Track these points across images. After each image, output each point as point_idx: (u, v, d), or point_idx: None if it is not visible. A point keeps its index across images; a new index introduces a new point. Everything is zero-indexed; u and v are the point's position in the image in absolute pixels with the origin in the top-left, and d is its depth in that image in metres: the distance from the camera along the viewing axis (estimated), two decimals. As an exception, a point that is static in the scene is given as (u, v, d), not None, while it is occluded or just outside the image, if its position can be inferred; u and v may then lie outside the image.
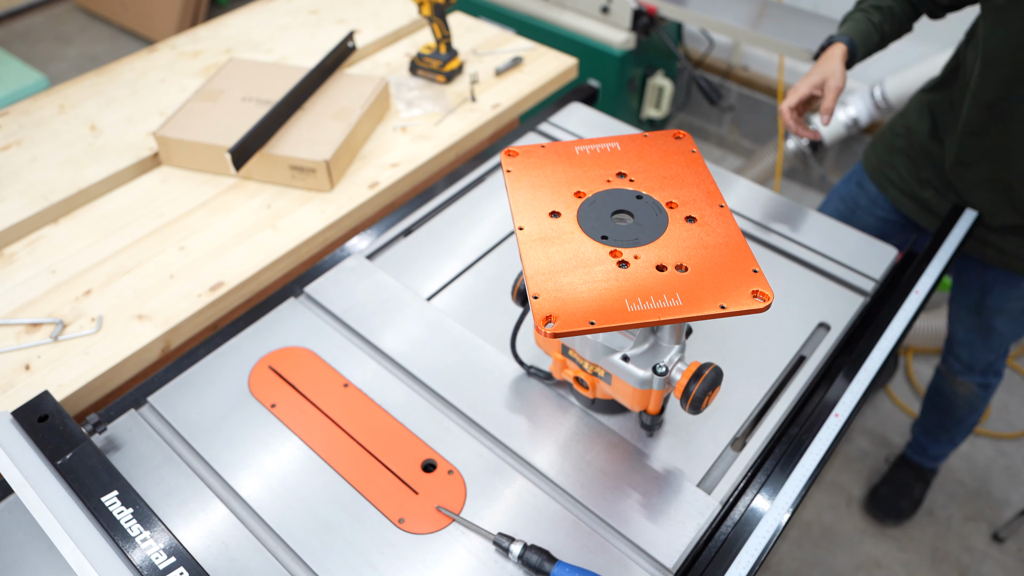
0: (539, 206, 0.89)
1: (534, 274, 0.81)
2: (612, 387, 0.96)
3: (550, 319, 0.76)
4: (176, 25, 3.73)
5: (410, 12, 1.96)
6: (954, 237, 1.32)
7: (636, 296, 0.79)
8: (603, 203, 0.90)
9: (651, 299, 0.79)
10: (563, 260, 0.83)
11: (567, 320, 0.76)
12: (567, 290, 0.79)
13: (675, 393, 0.90)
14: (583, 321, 0.76)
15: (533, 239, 0.85)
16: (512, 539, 0.88)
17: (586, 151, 0.97)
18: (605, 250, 0.84)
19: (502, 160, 0.95)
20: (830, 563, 1.99)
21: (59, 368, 1.11)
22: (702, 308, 0.78)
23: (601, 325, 0.76)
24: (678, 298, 0.79)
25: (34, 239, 1.34)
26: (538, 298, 0.78)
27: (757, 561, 0.87)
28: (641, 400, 0.94)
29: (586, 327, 0.76)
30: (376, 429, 1.01)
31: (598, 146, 0.98)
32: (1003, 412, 2.36)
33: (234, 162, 1.34)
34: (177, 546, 0.82)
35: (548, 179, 0.93)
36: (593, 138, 0.99)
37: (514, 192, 0.91)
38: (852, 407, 1.04)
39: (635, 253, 0.84)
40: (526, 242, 0.85)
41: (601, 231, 0.87)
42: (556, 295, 0.79)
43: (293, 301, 1.19)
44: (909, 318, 1.17)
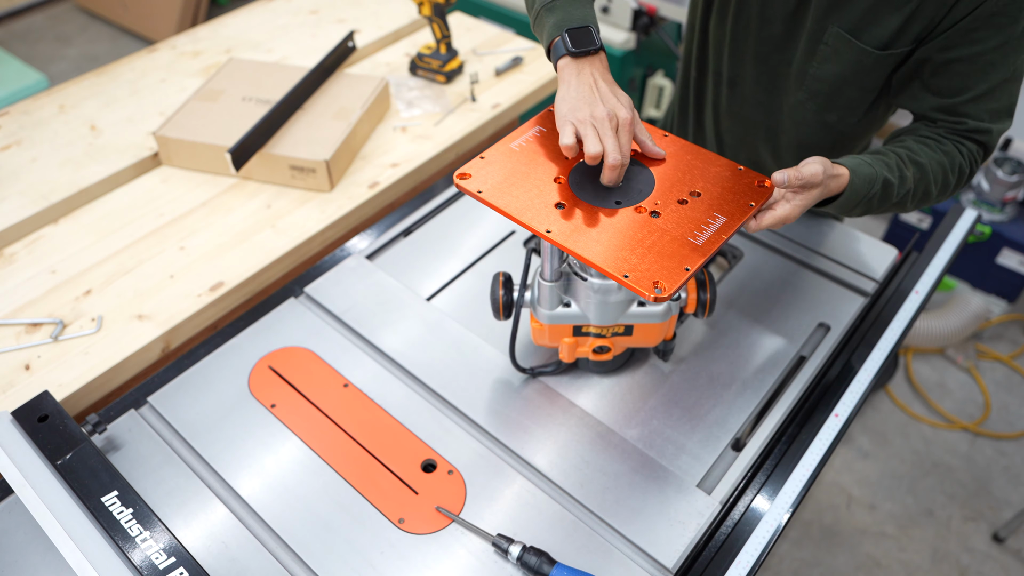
0: (539, 205, 0.88)
1: (603, 260, 0.81)
2: (634, 336, 1.01)
3: (658, 286, 0.79)
4: (176, 25, 3.73)
5: (410, 12, 1.96)
6: (954, 237, 1.32)
7: (691, 230, 0.85)
8: (583, 177, 0.92)
9: (701, 227, 0.85)
10: (611, 237, 0.84)
11: (667, 279, 0.79)
12: (639, 258, 0.82)
13: (688, 308, 1.00)
14: (678, 272, 0.80)
15: (568, 233, 0.84)
16: (511, 540, 0.88)
17: (522, 144, 0.97)
18: (630, 212, 0.87)
19: (461, 187, 0.91)
20: (830, 563, 1.99)
21: (59, 368, 1.11)
22: (743, 213, 0.86)
23: (692, 268, 0.81)
24: (716, 216, 0.86)
25: (34, 239, 1.34)
26: (628, 276, 0.80)
27: (757, 561, 0.87)
28: (666, 330, 1.01)
29: (684, 275, 0.80)
30: (376, 429, 1.01)
31: (528, 135, 0.98)
32: (1003, 412, 2.36)
33: (234, 162, 1.34)
34: (177, 546, 0.82)
35: (521, 180, 0.91)
36: (516, 131, 0.98)
37: (502, 204, 0.88)
38: (852, 407, 1.04)
39: (653, 201, 0.88)
40: (565, 237, 0.84)
41: (610, 199, 0.89)
42: (642, 267, 0.81)
43: (293, 301, 1.19)
44: (909, 318, 1.17)
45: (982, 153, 1.06)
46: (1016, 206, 2.42)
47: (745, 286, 1.23)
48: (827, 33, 1.06)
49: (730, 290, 1.22)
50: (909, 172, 1.01)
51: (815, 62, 1.10)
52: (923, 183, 1.02)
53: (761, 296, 1.21)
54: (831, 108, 1.16)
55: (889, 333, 1.14)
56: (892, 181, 0.99)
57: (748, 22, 1.15)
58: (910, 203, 1.05)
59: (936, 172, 1.03)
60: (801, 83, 1.15)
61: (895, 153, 1.03)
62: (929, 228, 2.52)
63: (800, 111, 1.19)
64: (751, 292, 1.22)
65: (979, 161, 1.07)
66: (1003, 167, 2.34)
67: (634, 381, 1.08)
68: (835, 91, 1.12)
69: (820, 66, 1.10)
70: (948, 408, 2.36)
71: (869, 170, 0.97)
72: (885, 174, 0.98)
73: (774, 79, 1.18)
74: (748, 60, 1.18)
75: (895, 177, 1.00)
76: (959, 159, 1.04)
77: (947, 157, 1.04)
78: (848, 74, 1.09)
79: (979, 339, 2.56)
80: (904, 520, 2.09)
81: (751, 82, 1.21)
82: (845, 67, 1.08)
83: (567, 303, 0.99)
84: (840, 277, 1.24)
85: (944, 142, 1.05)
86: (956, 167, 1.04)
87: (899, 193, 1.00)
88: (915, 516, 2.10)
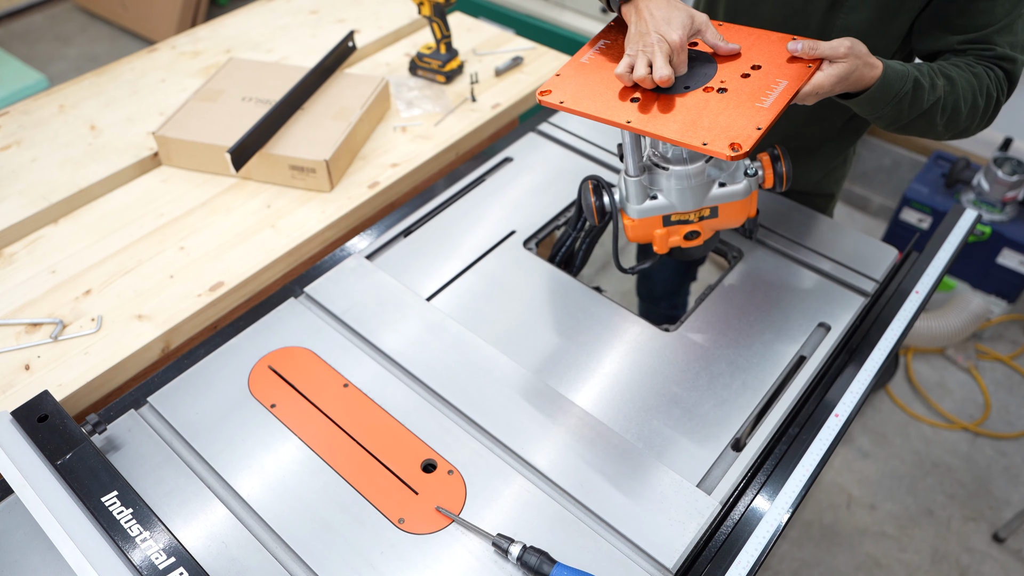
0: (616, 102, 0.96)
1: (680, 134, 0.90)
2: (720, 218, 1.08)
3: (734, 146, 0.87)
4: (176, 25, 3.73)
5: (410, 12, 1.96)
6: (954, 237, 1.32)
7: (757, 96, 0.93)
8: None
9: (766, 92, 0.94)
10: (685, 115, 0.93)
11: (743, 139, 0.88)
12: (712, 126, 0.91)
13: (766, 183, 1.07)
14: (750, 131, 0.89)
15: (646, 120, 0.93)
16: (511, 540, 0.88)
17: (591, 57, 1.05)
18: (699, 92, 0.96)
19: (544, 102, 0.99)
20: (830, 563, 1.99)
21: (59, 368, 1.11)
22: (803, 75, 0.95)
23: (764, 126, 0.89)
24: (779, 81, 0.95)
25: (34, 239, 1.34)
26: (707, 143, 0.89)
27: (757, 561, 0.87)
28: (749, 207, 1.08)
29: (757, 133, 0.88)
30: (376, 429, 1.01)
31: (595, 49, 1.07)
32: (1003, 412, 2.36)
33: (234, 162, 1.34)
34: (177, 546, 0.82)
35: (595, 86, 1.00)
36: (584, 47, 1.07)
37: (583, 108, 0.97)
38: (852, 407, 1.04)
39: (719, 80, 0.97)
40: (644, 123, 0.93)
41: (680, 86, 0.98)
42: (716, 133, 0.89)
43: (293, 301, 1.19)
44: (909, 318, 1.17)
45: (1007, 83, 1.09)
46: (1016, 206, 2.42)
47: (745, 286, 1.23)
48: None
49: (730, 290, 1.22)
50: (940, 82, 1.04)
51: (843, 12, 1.13)
52: (952, 96, 1.05)
53: (761, 296, 1.21)
54: None
55: (889, 333, 1.14)
56: (924, 84, 1.03)
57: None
58: (939, 119, 1.06)
59: (966, 89, 1.06)
60: (826, 38, 1.12)
61: (927, 65, 1.06)
62: (929, 228, 2.52)
63: None
64: (751, 292, 1.22)
65: (1005, 90, 1.10)
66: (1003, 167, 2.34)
67: (634, 381, 1.08)
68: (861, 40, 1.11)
69: (848, 16, 1.13)
70: (948, 408, 2.36)
71: (902, 68, 1.01)
72: (917, 75, 1.02)
73: None
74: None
75: (927, 82, 1.03)
76: (987, 82, 1.07)
77: (976, 79, 1.07)
78: (875, 20, 1.11)
79: (979, 339, 2.56)
80: (904, 520, 2.09)
81: None
82: (872, 13, 1.11)
83: (654, 196, 1.05)
84: (840, 277, 1.24)
85: (975, 66, 1.08)
86: (984, 89, 1.07)
87: (929, 100, 1.04)
88: (915, 516, 2.10)
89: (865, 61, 0.98)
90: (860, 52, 0.98)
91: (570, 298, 1.20)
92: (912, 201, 2.51)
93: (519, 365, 1.09)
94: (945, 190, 2.51)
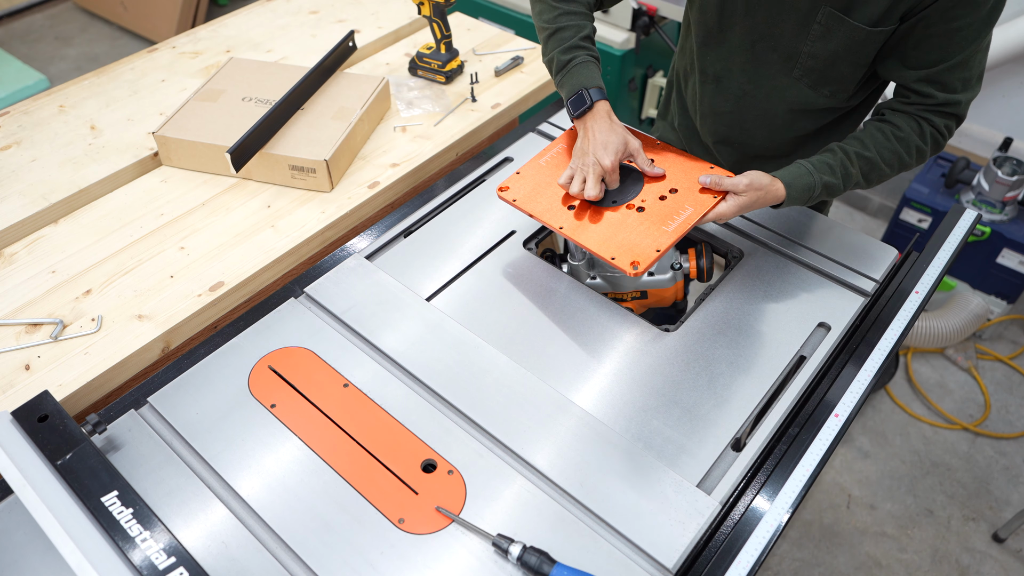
0: (557, 208, 1.17)
1: (597, 246, 1.10)
2: (649, 299, 1.30)
3: (635, 264, 1.06)
4: (176, 25, 3.73)
5: (410, 12, 1.96)
6: (954, 237, 1.32)
7: (666, 220, 1.12)
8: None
9: (673, 217, 1.12)
10: (605, 228, 1.13)
11: (643, 258, 1.06)
12: (624, 243, 1.09)
13: (692, 274, 1.27)
14: (651, 253, 1.07)
15: (575, 228, 1.14)
16: (511, 540, 0.88)
17: (548, 159, 1.25)
18: (623, 208, 1.15)
19: (502, 197, 1.20)
20: (830, 563, 1.99)
21: (59, 368, 1.11)
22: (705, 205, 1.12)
23: (663, 249, 1.08)
24: (687, 208, 1.13)
25: (34, 239, 1.34)
26: (615, 258, 1.08)
27: (757, 561, 0.87)
28: (678, 292, 1.29)
29: (656, 255, 1.07)
30: (376, 429, 1.01)
31: (552, 152, 1.27)
32: (1003, 412, 2.36)
33: (234, 162, 1.34)
34: (177, 546, 0.82)
35: (544, 189, 1.20)
36: (544, 149, 1.27)
37: (530, 209, 1.18)
38: (852, 407, 1.04)
39: (641, 199, 1.16)
40: (572, 231, 1.13)
41: (609, 199, 1.17)
42: (625, 250, 1.08)
43: (293, 301, 1.19)
44: (909, 318, 1.17)
45: (953, 122, 1.18)
46: (1016, 206, 2.42)
47: (745, 286, 1.23)
48: (819, 13, 1.13)
49: (730, 290, 1.23)
50: (855, 168, 1.17)
51: (809, 41, 1.17)
52: (875, 171, 1.18)
53: (761, 296, 1.21)
54: (824, 83, 1.23)
55: (889, 333, 1.14)
56: (834, 183, 1.16)
57: (732, 14, 1.21)
58: (865, 186, 1.21)
59: (888, 158, 1.17)
60: (793, 63, 1.21)
61: (843, 151, 1.17)
62: (929, 228, 2.52)
63: (791, 90, 1.25)
64: (751, 292, 1.22)
65: (946, 133, 1.19)
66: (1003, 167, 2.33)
67: (634, 381, 1.08)
68: (828, 66, 1.19)
69: (814, 44, 1.17)
70: (948, 408, 2.36)
71: (808, 180, 1.14)
72: (826, 179, 1.15)
73: (759, 65, 1.25)
74: (734, 51, 1.25)
75: (837, 178, 1.16)
76: (916, 141, 1.17)
77: (901, 144, 1.17)
78: (841, 50, 1.16)
79: (979, 339, 2.56)
80: (904, 520, 2.09)
81: (738, 73, 1.28)
82: (838, 44, 1.15)
83: (593, 276, 1.29)
84: (840, 277, 1.24)
85: (902, 128, 1.17)
86: (913, 147, 1.17)
87: (846, 186, 1.18)
88: (915, 516, 2.10)
89: (767, 191, 1.12)
90: (760, 184, 1.11)
91: (570, 298, 1.20)
92: (912, 201, 2.51)
93: (519, 365, 1.09)
94: (945, 190, 2.51)
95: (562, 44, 1.21)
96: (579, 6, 1.23)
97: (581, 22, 1.22)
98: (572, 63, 1.20)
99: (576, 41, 1.21)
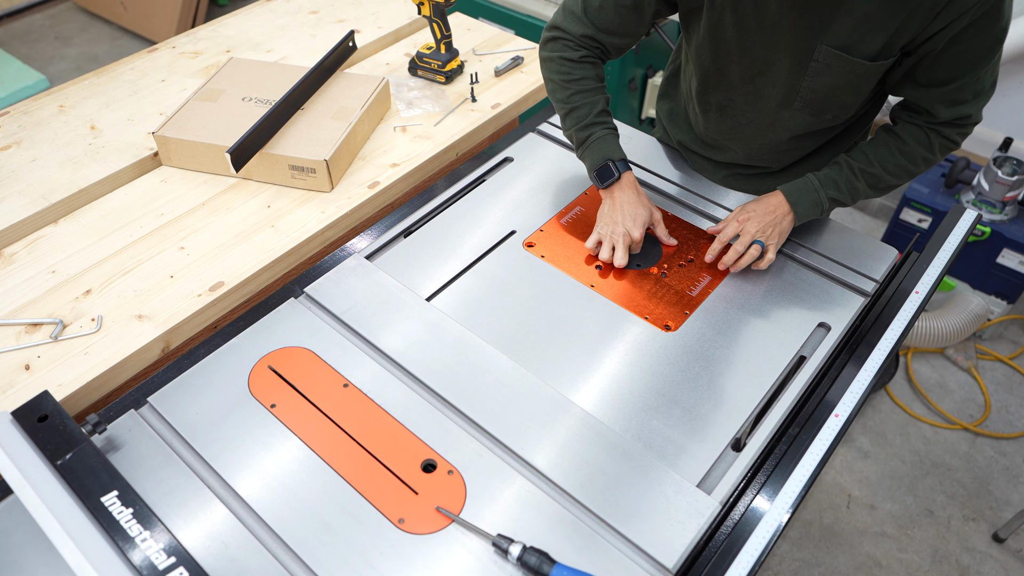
0: (584, 267, 1.27)
1: (630, 306, 1.20)
2: None
3: (667, 325, 1.17)
4: (176, 25, 3.73)
5: (410, 12, 1.96)
6: (954, 237, 1.32)
7: (688, 286, 1.24)
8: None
9: (695, 283, 1.25)
10: (635, 289, 1.23)
11: (674, 320, 1.18)
12: (655, 305, 1.21)
13: None
14: (681, 315, 1.19)
15: (605, 286, 1.23)
16: (511, 540, 0.88)
17: (569, 219, 1.36)
18: (647, 272, 1.27)
19: (530, 251, 1.29)
20: (830, 563, 1.99)
21: (59, 368, 1.11)
22: (722, 275, 1.26)
23: (691, 311, 1.19)
24: (705, 275, 1.26)
25: (34, 239, 1.34)
26: (648, 318, 1.18)
27: (757, 561, 0.87)
28: None
29: (686, 317, 1.18)
30: (376, 429, 1.01)
31: (572, 213, 1.37)
32: (1003, 412, 2.36)
33: (234, 162, 1.34)
34: (177, 546, 0.82)
35: (570, 247, 1.30)
36: (564, 209, 1.37)
37: (560, 266, 1.26)
38: (852, 407, 1.04)
39: (663, 264, 1.28)
40: (603, 289, 1.23)
41: (633, 262, 1.27)
42: (654, 311, 1.20)
43: (293, 301, 1.19)
44: (909, 318, 1.17)
45: (968, 128, 1.19)
46: (1016, 206, 2.42)
47: (745, 286, 1.23)
48: (816, 51, 1.11)
49: (730, 290, 1.23)
50: (860, 184, 1.21)
51: (807, 76, 1.16)
52: (881, 184, 1.22)
53: (761, 296, 1.21)
54: (825, 111, 1.22)
55: (889, 333, 1.14)
56: (840, 198, 1.22)
57: (728, 55, 1.20)
58: (872, 196, 1.24)
59: (894, 170, 1.21)
60: (793, 96, 1.20)
61: (849, 167, 1.21)
62: (929, 228, 2.52)
63: (793, 120, 1.25)
64: (751, 292, 1.22)
65: (958, 140, 1.20)
66: (1003, 167, 2.33)
67: (634, 381, 1.08)
68: (830, 98, 1.18)
69: (813, 79, 1.16)
70: (948, 408, 2.36)
71: (813, 198, 1.21)
72: (831, 193, 1.22)
73: (761, 98, 1.24)
74: (736, 85, 1.24)
75: (843, 194, 1.22)
76: (921, 152, 1.19)
77: (906, 157, 1.20)
78: (842, 83, 1.14)
79: (979, 339, 2.56)
80: (904, 520, 2.09)
81: (741, 104, 1.27)
82: (839, 78, 1.14)
83: None
84: (840, 277, 1.24)
85: (907, 141, 1.19)
86: (919, 159, 1.20)
87: (853, 199, 1.23)
88: (915, 516, 2.10)
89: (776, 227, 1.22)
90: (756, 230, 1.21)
91: (570, 298, 1.20)
92: (912, 201, 2.51)
93: (519, 365, 1.09)
94: (945, 190, 2.51)
95: (579, 123, 1.28)
96: (589, 81, 1.28)
97: (593, 98, 1.28)
98: (591, 139, 1.27)
99: (591, 119, 1.27)
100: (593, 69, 1.28)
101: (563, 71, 1.27)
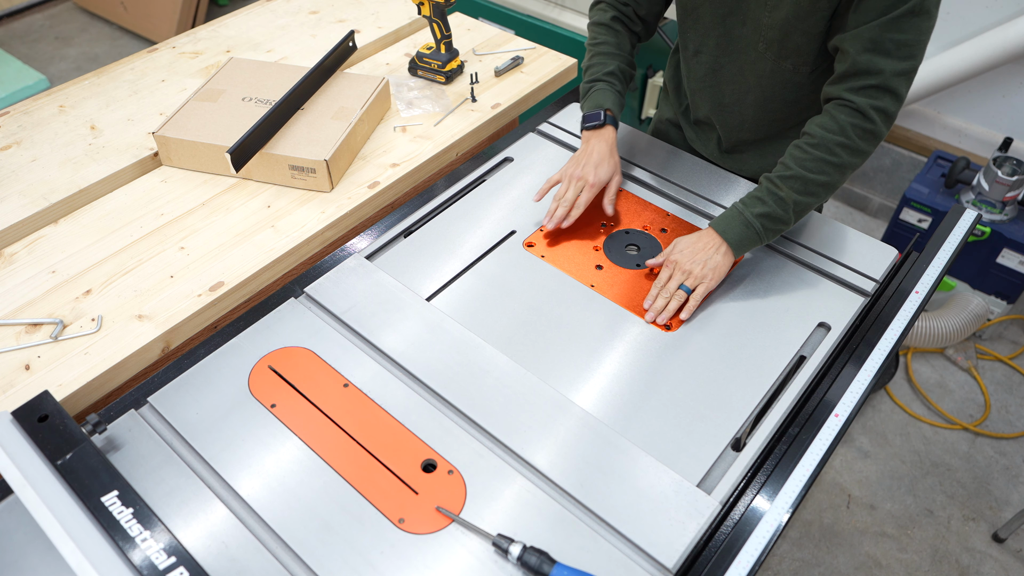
0: (585, 267, 1.27)
1: (629, 306, 1.20)
2: None
3: (669, 325, 1.17)
4: (176, 25, 3.73)
5: (410, 12, 1.96)
6: (954, 237, 1.32)
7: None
8: (612, 245, 1.32)
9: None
10: (633, 290, 1.23)
11: (673, 322, 1.18)
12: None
13: None
14: (678, 317, 1.18)
15: (605, 287, 1.24)
16: (511, 540, 0.88)
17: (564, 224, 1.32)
18: (646, 271, 1.27)
19: (530, 252, 1.29)
20: (830, 563, 1.99)
21: (59, 368, 1.11)
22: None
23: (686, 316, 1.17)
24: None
25: (34, 239, 1.34)
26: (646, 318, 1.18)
27: (757, 561, 0.87)
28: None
29: (681, 321, 1.17)
30: (376, 429, 1.01)
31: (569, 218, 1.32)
32: (1003, 412, 2.36)
33: (234, 163, 1.34)
34: (177, 546, 0.82)
35: (570, 248, 1.31)
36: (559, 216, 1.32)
37: (560, 266, 1.27)
38: (852, 407, 1.04)
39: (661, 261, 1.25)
40: (603, 290, 1.23)
41: (632, 262, 1.29)
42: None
43: (293, 301, 1.19)
44: (909, 318, 1.17)
45: (876, 105, 1.13)
46: (1016, 206, 2.42)
47: (745, 286, 1.23)
48: None
49: (730, 290, 1.23)
50: (785, 191, 1.18)
51: (766, 10, 1.22)
52: (810, 186, 1.17)
53: (761, 296, 1.21)
54: (784, 55, 1.27)
55: (889, 333, 1.14)
56: (770, 212, 1.18)
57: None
58: (813, 202, 1.20)
59: (816, 167, 1.16)
60: (759, 34, 1.26)
61: (767, 179, 1.20)
62: (929, 228, 2.52)
63: (760, 63, 1.30)
64: (751, 292, 1.22)
65: (873, 115, 1.13)
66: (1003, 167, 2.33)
67: (634, 381, 1.08)
68: (785, 36, 1.23)
69: (771, 14, 1.22)
70: (948, 408, 2.36)
71: (742, 227, 1.19)
72: (758, 210, 1.18)
73: (731, 40, 1.31)
74: (708, 27, 1.32)
75: (771, 207, 1.18)
76: (834, 139, 1.15)
77: (819, 149, 1.16)
78: (792, 18, 1.20)
79: (979, 339, 2.56)
80: (904, 520, 2.09)
81: (713, 47, 1.34)
82: (789, 11, 1.19)
83: None
84: (840, 277, 1.24)
85: (814, 134, 1.16)
86: (836, 147, 1.15)
87: (787, 211, 1.18)
88: (915, 516, 2.10)
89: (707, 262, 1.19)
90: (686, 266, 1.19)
91: (570, 298, 1.21)
92: (912, 201, 2.51)
93: (519, 365, 1.09)
94: (945, 190, 2.51)
95: (588, 79, 1.39)
96: (608, 47, 1.39)
97: (606, 60, 1.38)
98: (592, 90, 1.37)
99: (598, 76, 1.37)
100: (615, 36, 1.40)
101: (591, 36, 1.42)
